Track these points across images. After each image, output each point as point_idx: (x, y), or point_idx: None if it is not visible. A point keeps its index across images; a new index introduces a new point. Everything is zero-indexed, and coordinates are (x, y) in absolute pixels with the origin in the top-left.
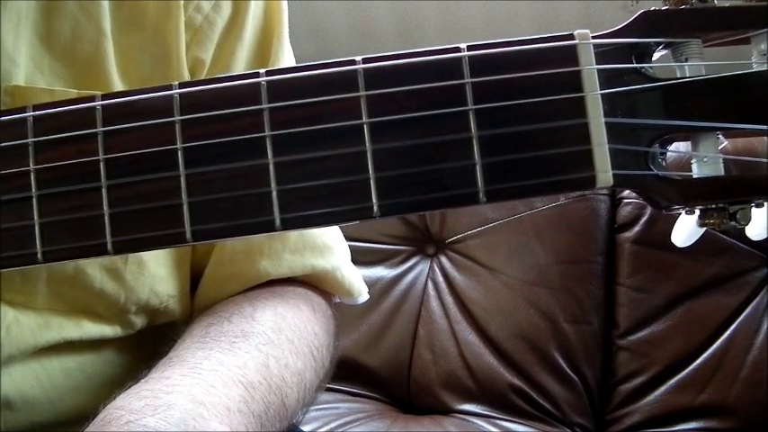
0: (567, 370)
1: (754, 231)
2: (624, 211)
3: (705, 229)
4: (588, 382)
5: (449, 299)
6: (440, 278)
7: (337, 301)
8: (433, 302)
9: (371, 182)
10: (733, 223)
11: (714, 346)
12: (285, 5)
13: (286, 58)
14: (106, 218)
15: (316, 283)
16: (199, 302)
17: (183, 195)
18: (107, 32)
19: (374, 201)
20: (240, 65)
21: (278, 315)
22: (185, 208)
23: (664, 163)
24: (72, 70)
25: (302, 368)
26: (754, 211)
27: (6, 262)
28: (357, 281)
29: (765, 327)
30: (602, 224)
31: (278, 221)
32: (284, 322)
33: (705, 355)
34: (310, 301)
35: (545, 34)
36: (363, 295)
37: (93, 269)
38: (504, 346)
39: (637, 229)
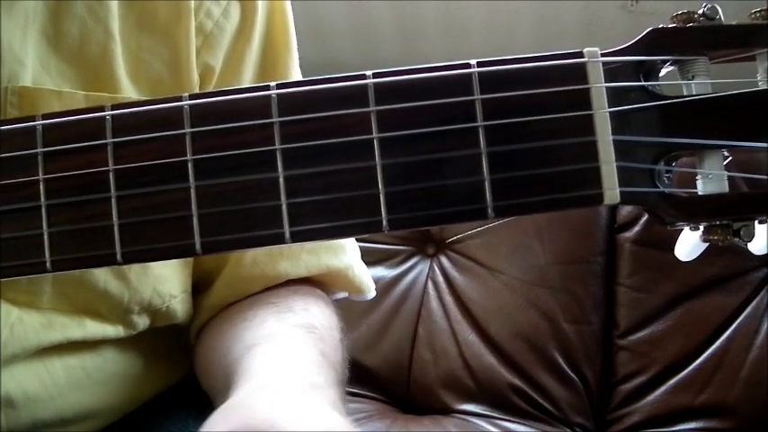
0: (567, 370)
1: (757, 247)
2: (624, 211)
3: (708, 244)
4: (588, 382)
5: (449, 299)
6: (440, 278)
7: (344, 296)
8: (433, 302)
9: (381, 196)
10: (736, 239)
11: (714, 346)
12: (290, 8)
13: (294, 62)
14: (116, 228)
15: (329, 282)
16: (212, 302)
17: (193, 207)
18: (115, 35)
19: (383, 215)
20: (249, 70)
21: (310, 314)
22: (195, 220)
23: (669, 180)
24: (80, 72)
25: (339, 360)
26: (758, 228)
27: (15, 270)
28: (366, 278)
29: (765, 327)
30: (602, 224)
31: (287, 234)
32: (316, 320)
33: (705, 355)
34: (325, 299)
35: (549, 50)
36: (372, 291)
37: (98, 269)
38: (504, 346)
39: (637, 229)
